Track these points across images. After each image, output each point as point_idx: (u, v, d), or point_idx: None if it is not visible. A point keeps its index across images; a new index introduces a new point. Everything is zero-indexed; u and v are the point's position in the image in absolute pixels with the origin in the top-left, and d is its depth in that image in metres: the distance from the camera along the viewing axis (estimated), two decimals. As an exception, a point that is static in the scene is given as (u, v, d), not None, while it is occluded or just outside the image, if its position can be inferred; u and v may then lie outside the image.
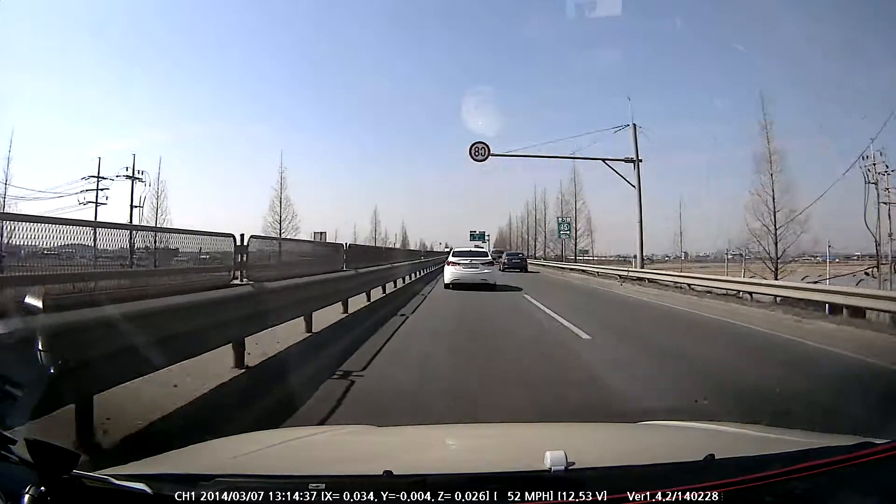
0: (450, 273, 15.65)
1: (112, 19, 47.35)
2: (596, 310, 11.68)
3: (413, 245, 63.87)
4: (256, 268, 5.76)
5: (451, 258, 16.46)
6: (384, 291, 12.75)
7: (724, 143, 56.34)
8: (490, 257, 18.32)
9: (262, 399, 4.05)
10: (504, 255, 35.01)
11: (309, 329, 6.67)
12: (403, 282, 16.89)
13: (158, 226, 22.41)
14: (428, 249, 57.97)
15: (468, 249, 18.43)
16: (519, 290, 15.84)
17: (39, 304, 2.24)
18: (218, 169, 69.38)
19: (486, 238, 62.72)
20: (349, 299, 8.96)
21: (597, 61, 51.99)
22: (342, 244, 11.66)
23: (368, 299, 10.69)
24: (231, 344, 4.52)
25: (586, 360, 6.02)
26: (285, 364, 5.04)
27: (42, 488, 0.93)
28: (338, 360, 5.50)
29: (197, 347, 3.80)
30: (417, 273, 22.27)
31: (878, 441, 1.18)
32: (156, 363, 3.12)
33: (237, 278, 5.34)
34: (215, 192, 67.46)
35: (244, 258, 5.45)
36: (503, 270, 28.73)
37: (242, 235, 5.50)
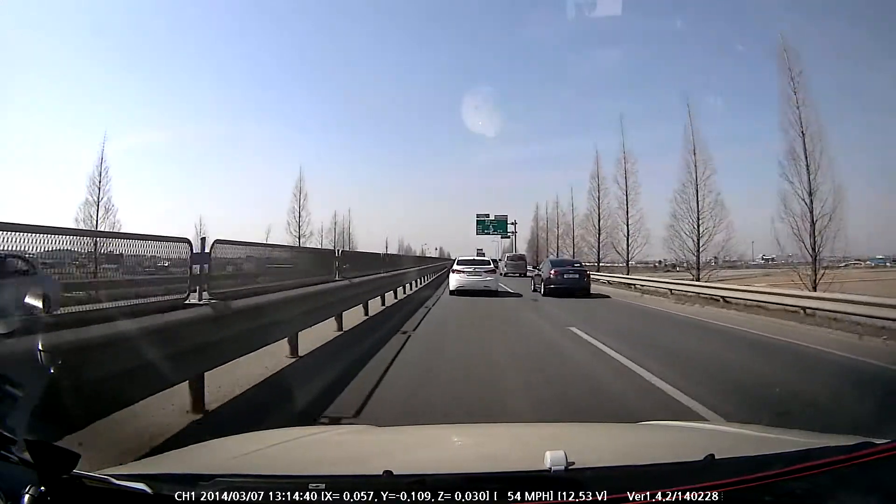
0: (455, 280, 17.09)
1: (112, 19, 47.32)
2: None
3: (393, 250, 55.57)
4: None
5: (455, 266, 17.70)
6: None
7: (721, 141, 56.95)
8: (493, 265, 19.16)
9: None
10: (548, 266, 18.11)
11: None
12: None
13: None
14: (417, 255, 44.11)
15: (472, 258, 19.59)
16: None
17: (39, 304, 2.25)
18: (210, 168, 69.51)
19: (513, 230, 49.81)
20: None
21: (597, 61, 52.00)
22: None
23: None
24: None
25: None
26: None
27: (42, 488, 0.93)
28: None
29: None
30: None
31: (878, 441, 1.18)
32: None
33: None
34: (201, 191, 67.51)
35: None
36: (545, 293, 16.93)
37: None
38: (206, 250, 4.13)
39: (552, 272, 17.14)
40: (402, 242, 71.26)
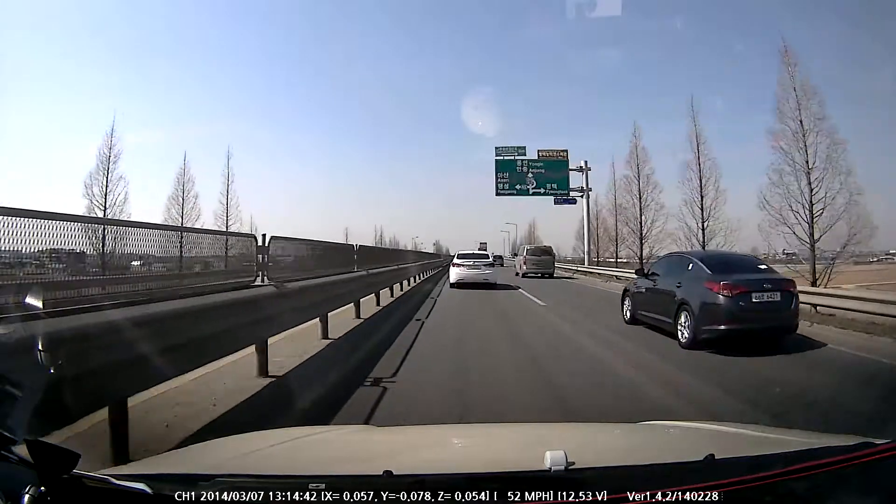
0: (455, 273, 17.78)
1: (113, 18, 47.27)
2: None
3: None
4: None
5: (455, 260, 18.48)
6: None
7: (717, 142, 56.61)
8: (494, 260, 20.44)
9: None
10: (701, 272, 7.12)
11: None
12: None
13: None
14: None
15: (471, 252, 20.09)
16: None
17: (39, 304, 2.24)
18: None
19: (583, 188, 28.51)
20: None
21: (597, 61, 51.81)
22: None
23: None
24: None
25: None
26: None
27: (42, 488, 0.93)
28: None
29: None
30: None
31: (878, 441, 1.18)
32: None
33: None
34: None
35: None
36: (700, 341, 6.67)
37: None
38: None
39: (721, 288, 6.75)
40: (379, 232, 68.21)
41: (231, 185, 30.03)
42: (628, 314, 9.05)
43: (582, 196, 29.25)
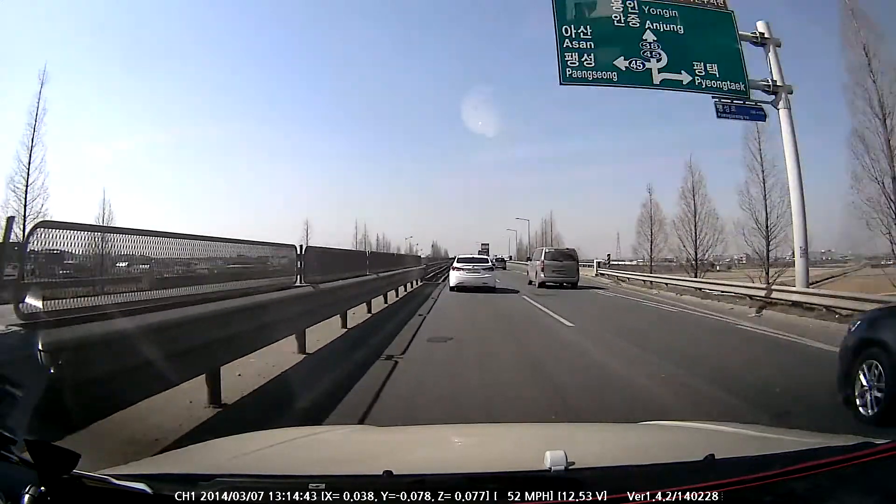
0: (455, 277, 18.14)
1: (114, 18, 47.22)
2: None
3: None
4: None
5: (455, 264, 18.90)
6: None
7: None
8: (493, 264, 20.72)
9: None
10: None
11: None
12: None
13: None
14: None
15: (471, 256, 20.48)
16: None
17: (39, 304, 2.25)
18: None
19: (767, 85, 11.74)
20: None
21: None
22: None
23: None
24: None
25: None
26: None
27: (42, 488, 0.93)
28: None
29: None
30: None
31: (878, 441, 1.18)
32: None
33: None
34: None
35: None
36: None
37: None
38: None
39: None
40: (362, 232, 58.94)
41: (39, 125, 17.34)
42: (874, 406, 3.77)
43: (773, 100, 12.47)
